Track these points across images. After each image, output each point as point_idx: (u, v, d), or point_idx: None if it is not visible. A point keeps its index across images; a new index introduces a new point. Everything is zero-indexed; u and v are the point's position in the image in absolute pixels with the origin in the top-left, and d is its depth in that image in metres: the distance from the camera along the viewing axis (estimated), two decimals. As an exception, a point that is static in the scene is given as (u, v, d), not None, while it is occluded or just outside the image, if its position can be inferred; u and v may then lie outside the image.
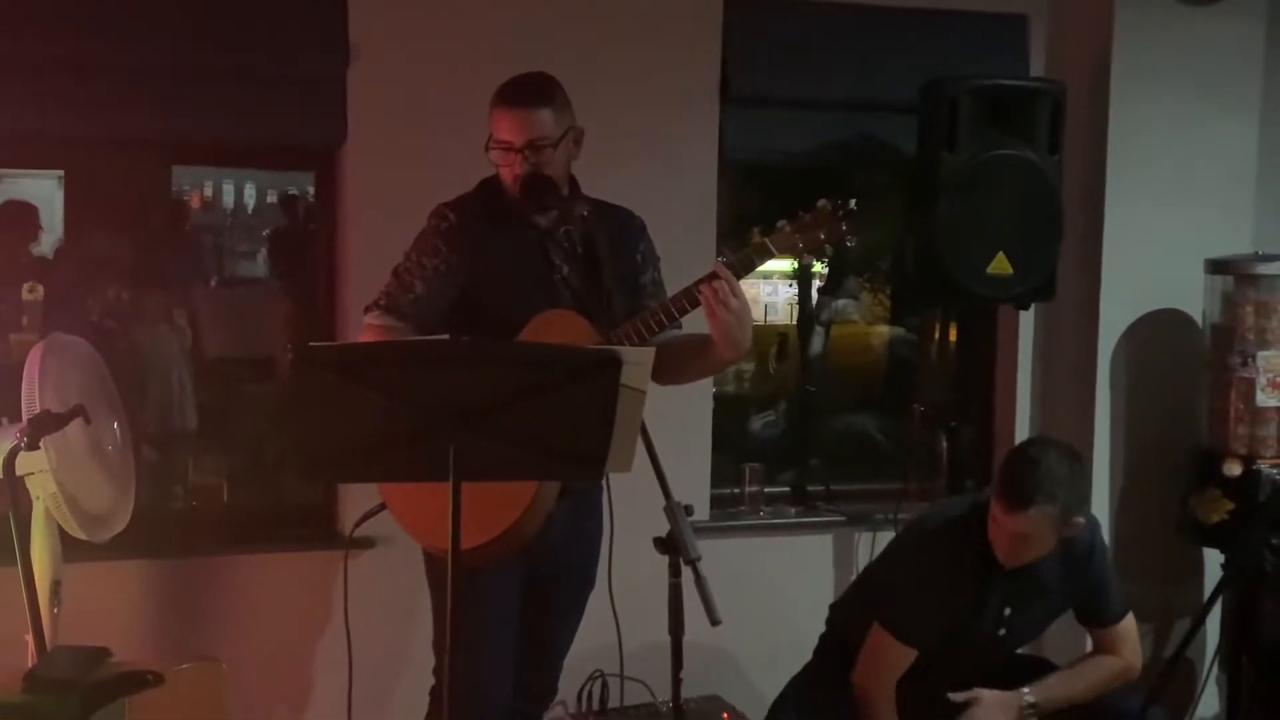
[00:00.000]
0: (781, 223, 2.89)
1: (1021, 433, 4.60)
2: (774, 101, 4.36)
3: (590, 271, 3.03)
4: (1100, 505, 4.45)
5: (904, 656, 3.31)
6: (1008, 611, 3.34)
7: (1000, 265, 4.00)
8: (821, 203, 2.89)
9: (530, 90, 2.99)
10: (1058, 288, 4.19)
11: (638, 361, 2.36)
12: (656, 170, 4.13)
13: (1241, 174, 4.53)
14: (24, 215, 5.52)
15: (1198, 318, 4.43)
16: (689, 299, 2.85)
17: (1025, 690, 3.33)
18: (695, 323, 2.95)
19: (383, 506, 2.98)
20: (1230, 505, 4.17)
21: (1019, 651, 3.67)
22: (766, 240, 2.88)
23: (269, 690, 3.95)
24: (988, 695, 3.31)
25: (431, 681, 3.18)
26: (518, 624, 3.11)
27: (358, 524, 3.09)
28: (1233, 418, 4.22)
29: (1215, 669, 4.37)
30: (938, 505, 3.79)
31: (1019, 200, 4.02)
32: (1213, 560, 4.39)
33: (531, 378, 2.27)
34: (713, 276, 2.82)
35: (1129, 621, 3.47)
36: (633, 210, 3.22)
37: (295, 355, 2.23)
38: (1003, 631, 3.37)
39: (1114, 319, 4.48)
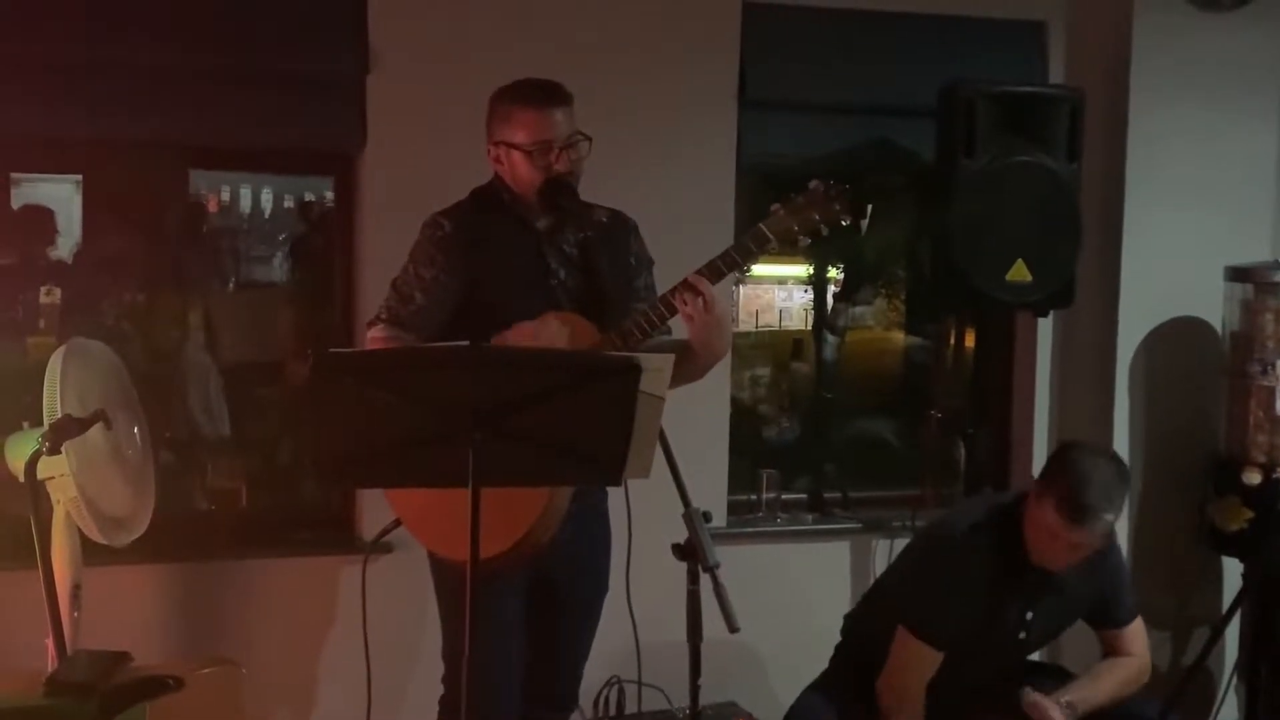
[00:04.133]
0: (775, 206, 2.88)
1: (1040, 440, 4.59)
2: (791, 105, 4.37)
3: (587, 275, 3.04)
4: (1118, 513, 4.45)
5: (931, 660, 3.31)
6: (1030, 615, 3.34)
7: (1019, 272, 3.99)
8: (814, 183, 2.88)
9: (556, 89, 3.03)
10: (1076, 295, 4.18)
11: (657, 368, 2.36)
12: (674, 173, 4.13)
13: (1261, 181, 4.51)
14: (41, 219, 5.54)
15: (1217, 325, 4.42)
16: (668, 306, 2.86)
17: (1059, 693, 3.33)
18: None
19: (398, 522, 2.98)
20: (1249, 514, 4.16)
21: (1035, 658, 3.67)
22: (762, 225, 2.87)
23: (286, 694, 3.96)
24: (1042, 699, 3.30)
25: (441, 690, 3.18)
26: (523, 631, 3.11)
27: (376, 540, 3.09)
28: (1252, 426, 4.21)
29: (1235, 679, 4.35)
30: (953, 510, 3.78)
31: (1037, 207, 4.01)
32: (1231, 569, 4.37)
33: (551, 383, 2.27)
34: (686, 285, 2.83)
35: (1138, 623, 3.48)
36: (651, 210, 3.25)
37: (316, 360, 2.23)
38: (1024, 635, 3.37)
39: (1133, 326, 4.46)
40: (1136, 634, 3.46)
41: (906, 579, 3.53)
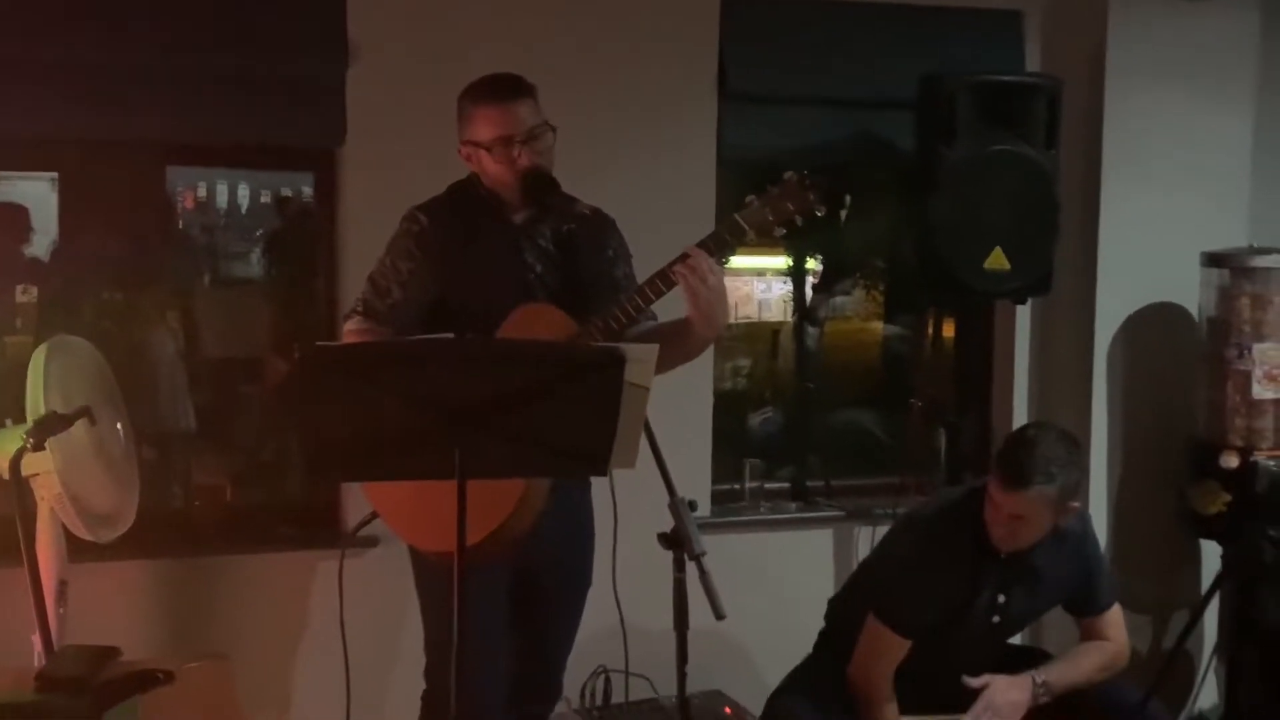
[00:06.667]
0: (750, 198, 2.92)
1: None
2: (772, 98, 4.37)
3: (564, 269, 3.06)
4: (1098, 498, 4.48)
5: (899, 647, 3.33)
6: (1002, 599, 3.36)
7: (997, 260, 4.02)
8: (788, 174, 2.91)
9: (514, 83, 3.03)
10: (1054, 282, 4.21)
11: (641, 359, 2.36)
12: (654, 166, 4.14)
13: (1237, 167, 4.55)
14: (15, 217, 5.50)
15: (1194, 311, 4.45)
16: (664, 281, 2.87)
17: (1034, 672, 3.35)
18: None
19: (375, 515, 2.99)
20: (1227, 497, 4.19)
21: (1017, 643, 3.70)
22: (737, 216, 2.90)
23: (271, 687, 3.96)
24: (1000, 678, 3.33)
25: (423, 684, 3.19)
26: (509, 625, 3.12)
27: (354, 532, 3.10)
28: (1229, 410, 4.25)
29: (1214, 661, 4.39)
30: (933, 496, 3.81)
31: (1016, 195, 4.04)
32: (1210, 551, 4.41)
33: (536, 375, 2.28)
34: (685, 257, 2.85)
35: (1116, 610, 3.50)
36: (631, 203, 3.26)
37: (302, 355, 2.23)
38: (997, 619, 3.39)
39: (1110, 313, 4.50)
40: (1114, 620, 3.48)
41: (879, 566, 3.56)
